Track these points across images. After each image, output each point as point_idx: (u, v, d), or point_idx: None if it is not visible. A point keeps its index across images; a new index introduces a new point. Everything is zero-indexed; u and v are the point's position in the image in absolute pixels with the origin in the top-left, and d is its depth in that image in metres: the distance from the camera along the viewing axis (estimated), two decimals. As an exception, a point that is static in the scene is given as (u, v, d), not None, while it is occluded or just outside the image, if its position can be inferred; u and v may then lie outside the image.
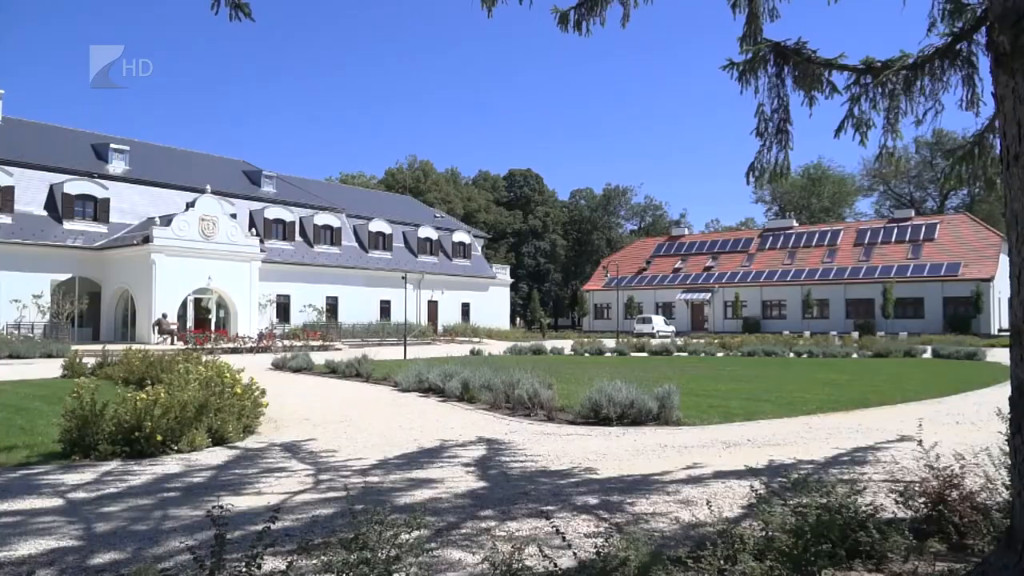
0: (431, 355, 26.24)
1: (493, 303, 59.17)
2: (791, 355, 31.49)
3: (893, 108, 6.06)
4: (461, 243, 58.10)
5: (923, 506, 4.92)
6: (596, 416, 11.03)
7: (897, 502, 5.10)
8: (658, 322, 58.62)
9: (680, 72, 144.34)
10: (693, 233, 79.27)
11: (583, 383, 14.82)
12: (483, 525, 5.49)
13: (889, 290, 54.72)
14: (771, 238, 68.00)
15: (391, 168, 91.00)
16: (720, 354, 32.55)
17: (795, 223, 71.89)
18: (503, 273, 62.60)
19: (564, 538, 3.91)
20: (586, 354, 32.12)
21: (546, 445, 9.24)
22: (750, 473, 6.24)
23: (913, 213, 67.45)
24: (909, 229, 60.97)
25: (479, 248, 62.02)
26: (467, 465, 8.02)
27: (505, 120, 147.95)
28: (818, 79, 6.08)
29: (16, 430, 9.96)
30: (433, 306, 53.84)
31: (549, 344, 35.25)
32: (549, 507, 5.99)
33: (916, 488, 5.02)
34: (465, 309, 56.37)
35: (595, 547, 3.88)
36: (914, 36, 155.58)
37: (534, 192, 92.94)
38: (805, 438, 9.62)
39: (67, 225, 36.13)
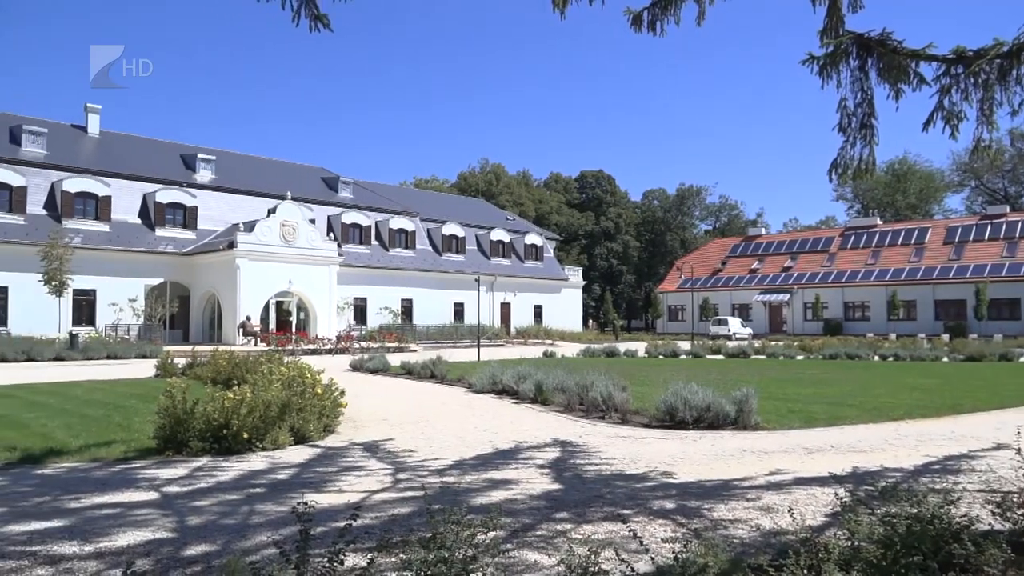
0: (504, 357, 26.38)
1: (565, 305, 59.05)
2: (876, 358, 30.30)
3: (987, 99, 5.78)
4: (533, 245, 58.20)
5: (1022, 518, 4.67)
6: (671, 419, 10.88)
7: (994, 513, 4.85)
8: (734, 324, 57.38)
9: (757, 69, 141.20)
10: (770, 233, 77.28)
11: (658, 386, 14.63)
12: (558, 527, 5.49)
13: (982, 290, 52.05)
14: (854, 237, 65.64)
15: (463, 172, 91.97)
16: (800, 357, 31.59)
17: (879, 221, 69.19)
18: (575, 275, 62.40)
19: (641, 542, 3.87)
20: (660, 356, 31.70)
21: (621, 448, 9.17)
22: (834, 480, 6.03)
23: (1008, 209, 63.96)
24: (1004, 226, 57.88)
25: (551, 250, 62.01)
26: (542, 467, 8.04)
27: (577, 122, 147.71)
28: (904, 71, 5.85)
29: (115, 427, 10.49)
30: (506, 308, 54.11)
31: (622, 346, 34.94)
32: (625, 511, 5.94)
33: (1015, 499, 4.77)
34: (537, 311, 56.43)
35: (673, 552, 3.83)
36: (1010, 23, 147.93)
37: (606, 193, 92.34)
38: (893, 445, 9.25)
39: (159, 232, 37.89)
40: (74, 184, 35.42)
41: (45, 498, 6.58)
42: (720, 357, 31.69)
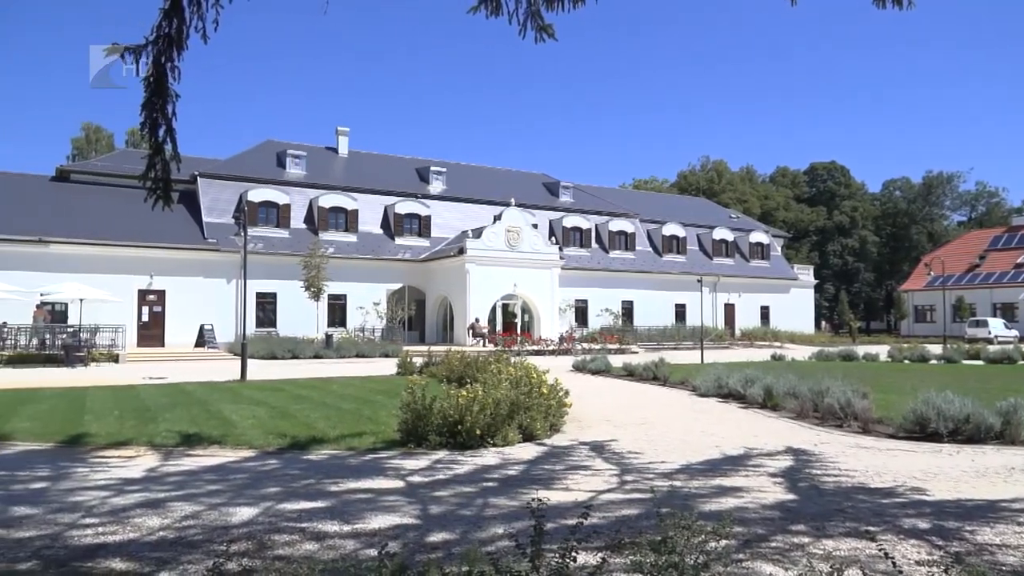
0: (728, 359, 25.44)
1: (795, 305, 55.71)
2: None
3: None
4: (759, 244, 55.59)
5: None
6: (921, 431, 9.91)
7: None
8: (996, 325, 50.87)
9: (1015, 39, 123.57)
10: (1042, 221, 67.35)
11: (904, 393, 13.37)
12: (795, 540, 5.22)
13: None
14: None
15: (683, 171, 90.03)
16: (1085, 364, 27.19)
17: None
18: (806, 274, 58.67)
19: (894, 563, 3.56)
20: (906, 361, 28.86)
21: (863, 459, 8.51)
22: None
23: None
24: None
25: (778, 248, 58.84)
26: (773, 475, 7.68)
27: (804, 112, 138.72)
28: None
29: (364, 420, 11.56)
30: (730, 309, 52.20)
31: (860, 349, 32.23)
32: (870, 527, 5.50)
33: None
34: (764, 312, 53.80)
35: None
36: None
37: (839, 185, 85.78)
38: None
39: (398, 241, 41.18)
40: (328, 200, 39.60)
41: (310, 481, 7.42)
42: (979, 363, 28.16)
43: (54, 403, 13.70)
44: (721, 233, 53.80)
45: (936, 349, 31.74)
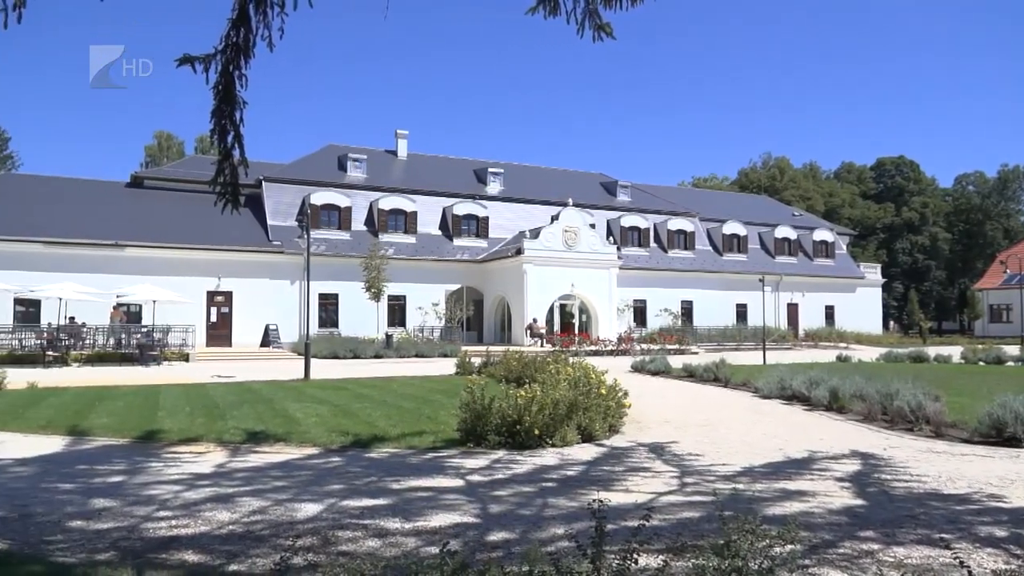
0: (792, 360, 24.85)
1: (861, 305, 54.10)
2: None
3: None
4: (823, 242, 54.19)
5: None
6: (998, 435, 9.54)
7: None
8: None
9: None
10: None
11: (979, 396, 12.88)
12: (864, 547, 5.08)
13: None
14: None
15: (744, 168, 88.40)
16: None
17: None
18: (873, 272, 56.93)
19: (970, 572, 3.43)
20: (980, 362, 27.73)
21: (935, 465, 8.22)
22: None
23: None
24: None
25: (844, 246, 57.25)
26: (840, 480, 7.48)
27: (870, 106, 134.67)
28: None
29: (424, 419, 11.69)
30: (793, 309, 51.01)
31: (932, 351, 31.08)
32: (944, 535, 5.32)
33: None
34: (829, 312, 52.41)
35: (1008, 587, 3.36)
36: None
37: (908, 181, 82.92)
38: None
39: (456, 242, 41.52)
40: (387, 202, 40.20)
41: (372, 478, 7.55)
42: (1061, 365, 26.88)
43: (130, 400, 14.26)
44: (784, 231, 52.65)
45: (1013, 350, 30.40)
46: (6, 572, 4.46)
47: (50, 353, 25.26)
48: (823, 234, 54.61)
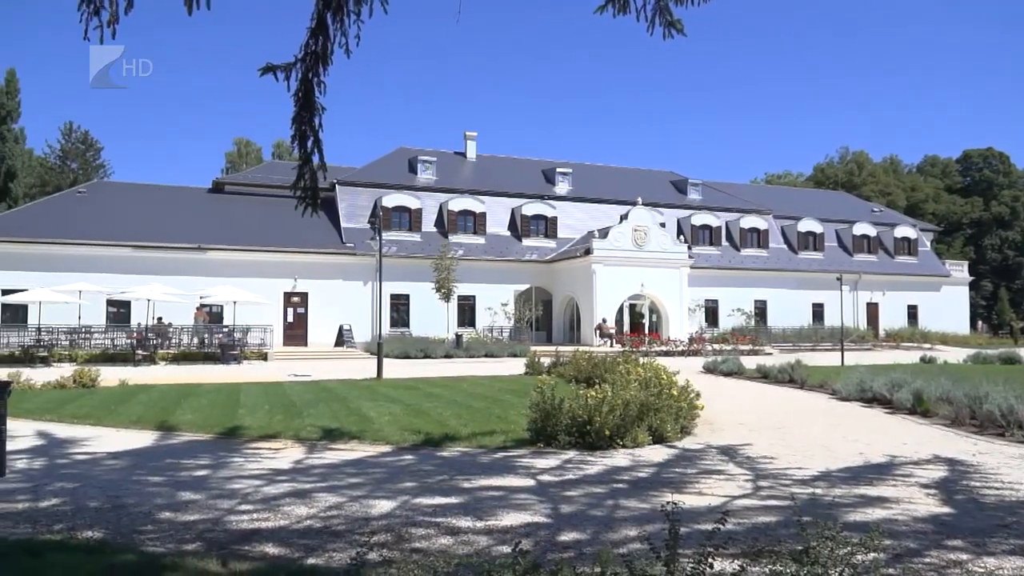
0: (872, 362, 23.99)
1: (946, 304, 51.78)
2: None
3: None
4: (905, 238, 52.09)
5: None
6: (1101, 443, 8.99)
7: None
8: None
9: None
10: None
11: (1079, 401, 12.13)
12: (951, 556, 4.88)
13: None
14: None
15: (820, 164, 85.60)
16: None
17: None
18: (959, 270, 54.41)
19: (1066, 586, 3.27)
20: (1080, 365, 26.23)
21: (1029, 472, 7.82)
22: None
23: None
24: None
25: (927, 243, 54.90)
26: (925, 486, 7.20)
27: (956, 96, 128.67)
28: None
29: (494, 418, 11.78)
30: (873, 308, 49.22)
31: (1025, 352, 29.56)
32: (1039, 547, 5.06)
33: None
34: (911, 311, 50.35)
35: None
36: None
37: (997, 174, 78.86)
38: None
39: (525, 242, 41.63)
40: (457, 204, 40.64)
41: (443, 477, 7.65)
42: None
43: (212, 397, 14.83)
44: (862, 228, 50.84)
45: (1116, 352, 28.62)
46: (101, 560, 4.70)
47: (140, 352, 26.48)
48: (905, 230, 52.53)
